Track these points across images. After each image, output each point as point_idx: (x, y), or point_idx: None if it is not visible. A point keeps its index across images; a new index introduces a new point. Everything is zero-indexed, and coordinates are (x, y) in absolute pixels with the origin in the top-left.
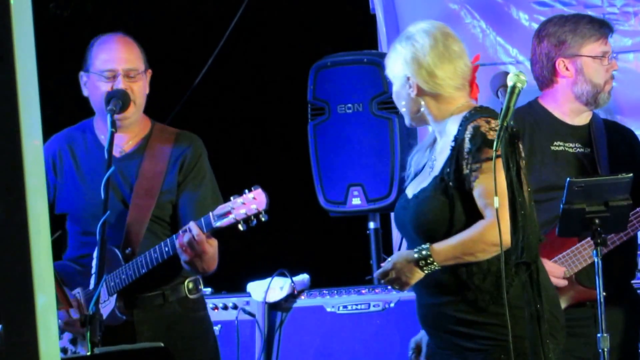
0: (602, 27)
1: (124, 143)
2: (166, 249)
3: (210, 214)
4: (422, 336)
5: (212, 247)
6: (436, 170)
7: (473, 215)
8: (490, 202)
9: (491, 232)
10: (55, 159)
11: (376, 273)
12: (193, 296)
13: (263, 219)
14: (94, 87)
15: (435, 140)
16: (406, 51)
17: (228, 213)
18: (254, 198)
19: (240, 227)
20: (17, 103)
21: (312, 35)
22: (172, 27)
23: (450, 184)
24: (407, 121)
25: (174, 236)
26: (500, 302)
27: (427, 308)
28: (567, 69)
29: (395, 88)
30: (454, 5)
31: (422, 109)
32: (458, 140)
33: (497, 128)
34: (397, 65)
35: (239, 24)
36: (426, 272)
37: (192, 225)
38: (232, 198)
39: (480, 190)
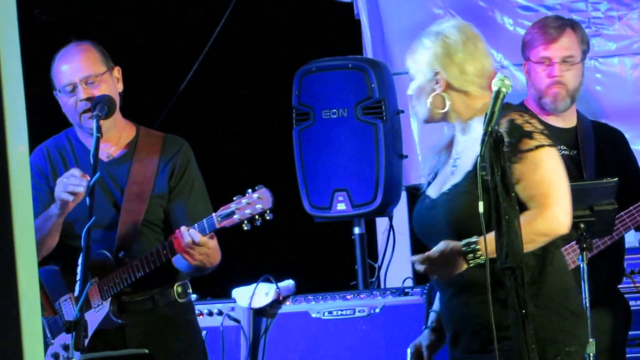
0: (548, 32)
1: (109, 147)
2: (164, 251)
3: (213, 215)
4: (422, 340)
5: (214, 241)
6: (466, 166)
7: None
8: (535, 192)
9: (541, 222)
10: (45, 167)
11: (417, 257)
12: (182, 300)
13: (268, 218)
14: (63, 103)
15: (452, 140)
16: (437, 46)
17: (232, 213)
18: (259, 197)
19: (245, 226)
20: (2, 109)
21: (296, 41)
22: (158, 32)
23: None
24: (423, 117)
25: (171, 239)
26: (534, 302)
27: (457, 308)
28: (526, 72)
29: (417, 83)
30: (438, 10)
31: (447, 106)
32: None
33: (531, 120)
34: (424, 60)
35: (223, 30)
36: (471, 265)
37: (192, 232)
38: (235, 198)
39: (525, 181)
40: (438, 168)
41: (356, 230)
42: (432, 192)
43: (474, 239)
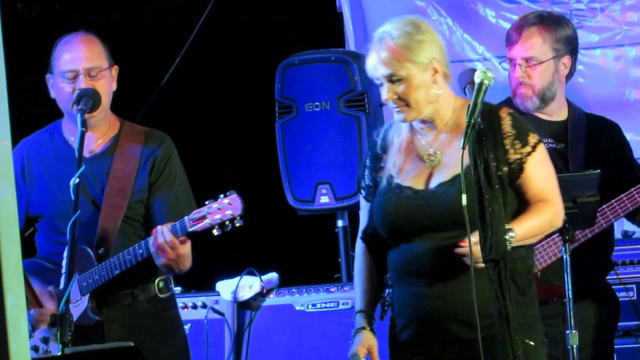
0: (511, 33)
1: (93, 142)
2: (140, 251)
3: (186, 218)
4: (370, 341)
5: (187, 247)
6: (455, 161)
7: (520, 197)
8: (545, 186)
9: (552, 215)
10: (23, 165)
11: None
12: (163, 295)
13: (238, 224)
14: (58, 88)
15: (415, 132)
16: (435, 37)
17: (203, 218)
18: (229, 203)
19: (215, 231)
20: None
21: (279, 34)
22: (140, 26)
23: (504, 168)
24: (415, 116)
25: (148, 239)
26: (532, 287)
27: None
28: None
29: (417, 80)
30: (421, 2)
31: (439, 98)
32: (491, 127)
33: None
34: (424, 52)
35: (206, 23)
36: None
37: (165, 231)
38: (207, 203)
39: (536, 173)
40: (397, 161)
41: (339, 223)
42: (413, 184)
43: (508, 226)
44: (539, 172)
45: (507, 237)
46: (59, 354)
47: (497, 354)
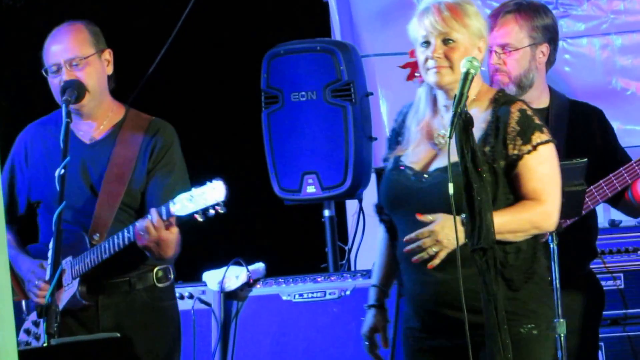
0: (490, 19)
1: (94, 130)
2: (128, 234)
3: (170, 202)
4: (376, 322)
5: (171, 234)
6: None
7: (515, 194)
8: (539, 186)
9: (538, 216)
10: (27, 149)
11: (415, 233)
12: (162, 285)
13: (221, 211)
14: (50, 83)
15: (436, 113)
16: (480, 16)
17: (187, 202)
18: (213, 189)
19: (199, 217)
20: None
21: (265, 24)
22: (126, 15)
23: (501, 161)
24: (451, 80)
25: (136, 222)
26: (534, 280)
27: (442, 285)
28: None
29: (467, 46)
30: None
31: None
32: (500, 119)
33: (536, 114)
34: (478, 24)
35: (191, 13)
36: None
37: (152, 211)
38: (193, 188)
39: (531, 173)
40: (410, 140)
41: (326, 212)
42: (416, 165)
43: None
44: (534, 171)
45: None
46: (45, 344)
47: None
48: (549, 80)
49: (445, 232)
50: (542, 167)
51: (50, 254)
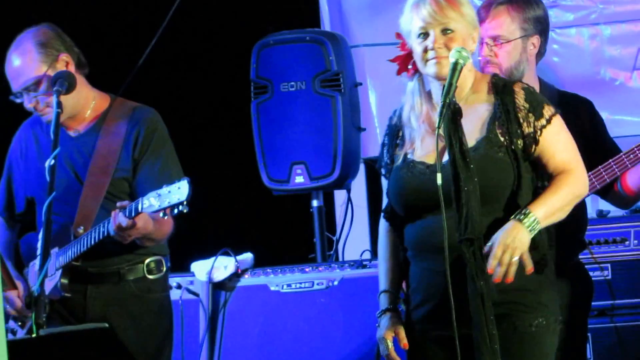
0: (479, 12)
1: (77, 124)
2: (102, 229)
3: (140, 199)
4: (393, 324)
5: (148, 225)
6: (476, 132)
7: (541, 170)
8: (567, 156)
9: (579, 184)
10: (22, 147)
11: (491, 261)
12: (153, 276)
13: (185, 210)
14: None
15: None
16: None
17: (154, 199)
18: (178, 188)
19: (161, 214)
20: None
21: (254, 14)
22: (115, 6)
23: (519, 141)
24: (446, 70)
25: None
26: (545, 271)
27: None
28: None
29: (464, 36)
30: None
31: (468, 66)
32: (507, 101)
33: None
34: (472, 14)
35: (181, 4)
36: (534, 231)
37: (119, 215)
38: (163, 186)
39: (557, 145)
40: (414, 136)
41: (314, 203)
42: (427, 159)
43: (525, 210)
44: (557, 143)
45: (526, 221)
46: (34, 335)
47: (505, 331)
48: (537, 71)
49: (512, 239)
50: (561, 137)
51: (39, 244)
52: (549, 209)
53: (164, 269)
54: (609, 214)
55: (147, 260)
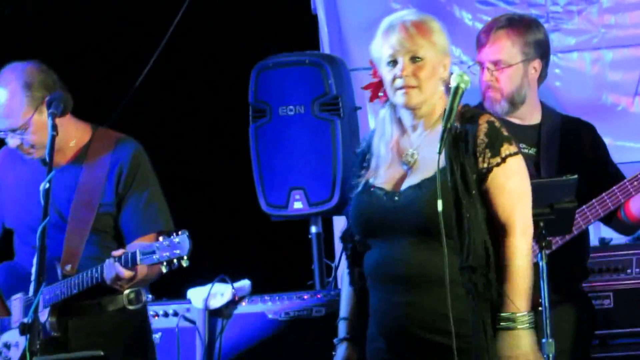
0: (480, 36)
1: (61, 156)
2: (96, 275)
3: (137, 250)
4: (349, 356)
5: (143, 270)
6: (429, 163)
7: (486, 208)
8: (514, 204)
9: (522, 247)
10: (4, 170)
11: None
12: (133, 307)
13: (185, 265)
14: None
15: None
16: (444, 33)
17: (153, 252)
18: (178, 242)
19: (163, 268)
20: None
21: (253, 36)
22: (113, 27)
23: (473, 175)
24: (419, 101)
25: (104, 263)
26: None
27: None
28: None
29: (434, 64)
30: (396, 4)
31: (437, 95)
32: (469, 133)
33: (504, 126)
34: (443, 42)
35: (179, 25)
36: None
37: (116, 266)
38: (160, 238)
39: (501, 191)
40: (379, 163)
41: (313, 229)
42: (387, 186)
43: (505, 315)
44: (504, 185)
45: (521, 324)
46: None
47: None
48: (539, 95)
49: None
50: (510, 181)
51: (34, 269)
52: (523, 295)
53: (144, 299)
54: (610, 242)
55: (126, 291)
